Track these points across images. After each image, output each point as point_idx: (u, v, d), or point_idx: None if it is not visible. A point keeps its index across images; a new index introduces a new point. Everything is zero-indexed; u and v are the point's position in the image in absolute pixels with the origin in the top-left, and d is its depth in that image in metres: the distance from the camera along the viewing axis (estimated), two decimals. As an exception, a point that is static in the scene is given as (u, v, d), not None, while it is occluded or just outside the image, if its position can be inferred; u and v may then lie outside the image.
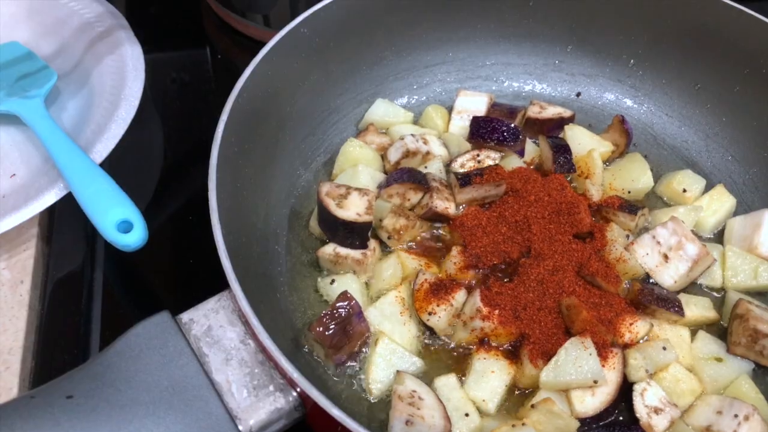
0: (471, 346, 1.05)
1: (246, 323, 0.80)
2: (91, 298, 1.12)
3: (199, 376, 0.77)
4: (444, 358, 1.05)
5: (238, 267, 0.87)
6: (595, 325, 1.01)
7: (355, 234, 1.10)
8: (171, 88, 1.58)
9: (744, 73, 1.26)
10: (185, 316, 0.83)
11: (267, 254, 1.10)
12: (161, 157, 1.42)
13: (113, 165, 1.18)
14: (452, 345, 1.06)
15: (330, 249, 1.11)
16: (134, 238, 0.97)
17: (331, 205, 1.09)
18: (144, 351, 0.78)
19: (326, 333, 0.98)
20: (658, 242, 1.12)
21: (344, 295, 1.02)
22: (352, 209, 1.09)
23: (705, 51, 1.30)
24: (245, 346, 0.81)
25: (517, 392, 1.02)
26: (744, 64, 1.25)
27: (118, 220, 0.99)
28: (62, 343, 1.07)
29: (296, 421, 0.82)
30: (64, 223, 1.22)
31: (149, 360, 0.78)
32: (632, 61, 1.38)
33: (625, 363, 1.00)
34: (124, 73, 1.31)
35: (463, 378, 1.01)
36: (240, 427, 0.75)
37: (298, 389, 0.77)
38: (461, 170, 1.25)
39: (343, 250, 1.11)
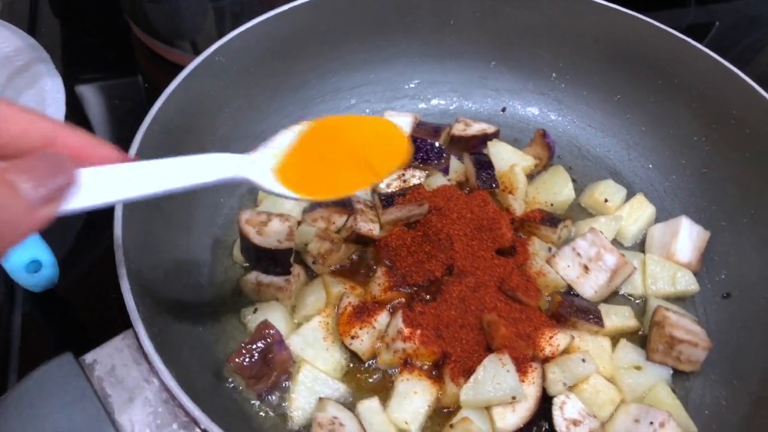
0: (395, 369, 1.05)
1: (150, 361, 0.79)
2: (9, 339, 1.10)
3: (102, 419, 0.76)
4: (369, 382, 1.05)
5: (150, 303, 0.87)
6: (515, 341, 1.02)
7: (278, 261, 1.09)
8: (104, 118, 1.56)
9: (657, 83, 1.29)
10: (89, 357, 0.82)
11: (188, 287, 1.09)
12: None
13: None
14: (377, 368, 1.06)
15: (252, 277, 1.11)
16: (43, 278, 0.96)
17: (251, 233, 1.09)
18: (44, 396, 0.77)
19: (244, 363, 0.97)
20: (578, 254, 1.14)
21: (264, 324, 1.02)
22: (273, 236, 1.09)
23: (622, 63, 1.33)
24: (149, 385, 0.80)
25: (444, 411, 1.02)
26: (657, 76, 1.29)
27: (27, 260, 0.97)
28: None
29: (204, 458, 0.81)
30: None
31: (51, 404, 0.77)
32: (554, 74, 1.41)
33: (544, 377, 1.00)
34: (43, 107, 1.30)
35: (387, 401, 1.01)
36: (142, 469, 0.75)
37: (202, 426, 0.76)
38: (387, 190, 1.26)
39: (265, 278, 1.11)
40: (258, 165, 0.81)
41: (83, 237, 1.27)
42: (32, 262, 0.97)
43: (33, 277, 0.96)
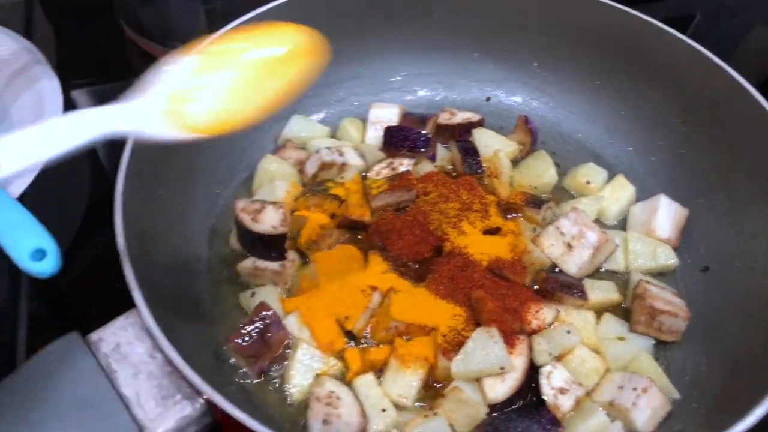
0: (389, 344, 1.09)
1: (152, 337, 0.83)
2: (15, 328, 1.13)
3: (108, 391, 0.80)
4: (363, 358, 1.08)
5: (151, 287, 0.90)
6: (502, 315, 1.06)
7: (272, 246, 1.14)
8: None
9: (635, 68, 1.34)
10: (94, 335, 0.86)
11: (187, 273, 1.13)
12: (88, 187, 1.44)
13: (38, 198, 1.20)
14: (371, 344, 1.10)
15: (249, 263, 1.15)
16: (47, 265, 1.00)
17: (247, 220, 1.13)
18: (53, 372, 0.81)
19: (243, 343, 1.01)
20: (562, 233, 1.18)
21: (262, 306, 1.06)
22: (267, 223, 1.13)
23: (600, 51, 1.38)
24: (153, 360, 0.84)
25: (437, 385, 1.06)
26: (634, 61, 1.33)
27: (32, 248, 1.01)
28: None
29: (207, 427, 0.85)
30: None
31: (59, 379, 0.81)
32: (535, 63, 1.45)
33: (531, 348, 1.05)
34: (42, 108, 1.33)
35: (381, 376, 1.05)
36: (149, 437, 0.79)
37: (204, 396, 0.80)
38: (377, 178, 1.30)
39: (261, 263, 1.15)
40: (144, 111, 0.72)
41: (84, 230, 1.31)
42: (37, 250, 1.01)
43: (38, 265, 0.99)
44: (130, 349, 0.85)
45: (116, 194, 0.95)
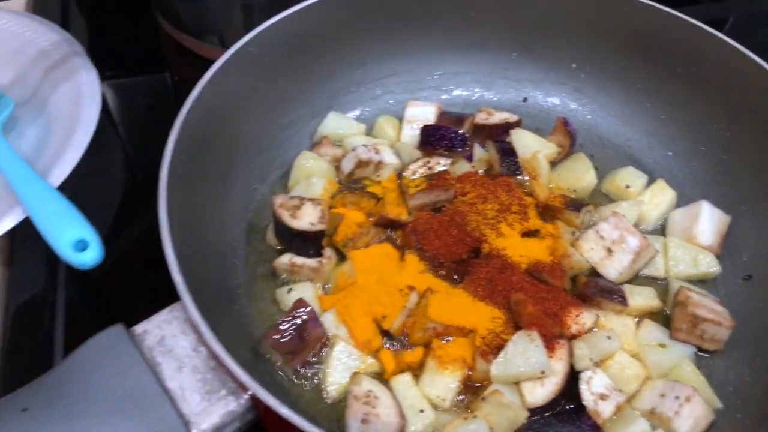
0: (426, 345, 1.08)
1: (198, 332, 0.83)
2: (53, 320, 1.14)
3: (153, 385, 0.80)
4: (399, 358, 1.08)
5: (190, 280, 0.90)
6: (542, 319, 1.05)
7: (310, 243, 1.14)
8: (133, 113, 1.61)
9: (677, 72, 1.31)
10: (139, 328, 0.86)
11: (224, 267, 1.13)
12: (122, 179, 1.45)
13: (75, 188, 1.21)
14: (408, 345, 1.09)
15: (286, 259, 1.15)
16: (90, 256, 1.00)
17: (285, 216, 1.13)
18: (98, 363, 0.81)
19: (281, 340, 1.01)
20: (602, 237, 1.17)
21: (300, 302, 1.05)
22: (306, 219, 1.13)
23: (642, 53, 1.36)
24: (197, 354, 0.84)
25: (472, 387, 1.05)
26: (677, 64, 1.31)
27: (74, 239, 1.01)
28: (26, 363, 1.09)
29: (250, 423, 0.85)
30: (26, 247, 1.24)
31: (103, 371, 0.81)
32: (574, 65, 1.44)
33: (571, 353, 1.03)
34: (80, 99, 1.34)
35: (418, 376, 1.04)
36: (193, 431, 0.78)
37: (249, 392, 0.80)
38: (413, 177, 1.29)
39: (299, 259, 1.14)
40: None
41: (118, 222, 1.32)
42: (79, 241, 1.01)
43: (81, 256, 1.00)
44: (175, 342, 0.84)
45: (160, 188, 0.95)
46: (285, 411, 0.76)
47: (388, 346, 1.09)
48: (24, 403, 0.76)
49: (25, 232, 1.17)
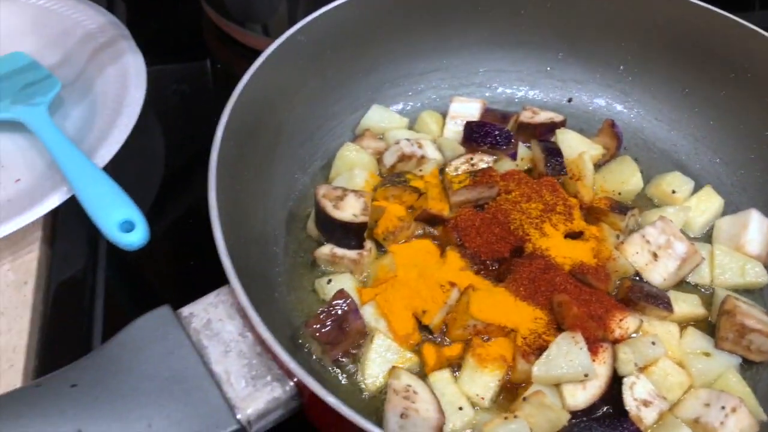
0: (466, 342, 1.07)
1: (244, 316, 0.83)
2: (93, 299, 1.15)
3: (199, 367, 0.80)
4: (439, 353, 1.07)
5: (236, 265, 0.90)
6: (586, 321, 1.03)
7: (351, 234, 1.13)
8: (172, 99, 1.61)
9: (730, 77, 1.29)
10: (185, 310, 0.86)
11: (265, 255, 1.13)
12: (162, 162, 1.46)
13: (116, 170, 1.21)
14: (447, 341, 1.08)
15: (327, 249, 1.14)
16: (136, 237, 1.01)
17: (328, 207, 1.12)
18: (145, 343, 0.81)
19: (322, 330, 1.00)
20: (648, 241, 1.15)
21: (341, 293, 1.05)
22: (349, 210, 1.12)
23: (692, 56, 1.33)
24: (244, 339, 0.84)
25: (510, 386, 1.04)
26: (730, 69, 1.29)
27: (121, 220, 1.02)
28: (65, 341, 1.10)
29: (293, 411, 0.84)
30: (68, 227, 1.25)
31: (150, 351, 0.81)
32: (622, 66, 1.42)
33: (614, 357, 1.02)
34: (126, 82, 1.35)
35: (457, 373, 1.03)
36: (238, 416, 0.78)
37: (295, 379, 0.79)
38: (455, 173, 1.28)
39: (339, 251, 1.14)
40: None
41: (158, 205, 1.32)
42: (125, 222, 1.02)
43: (127, 237, 1.00)
44: (221, 326, 0.84)
45: (210, 172, 0.95)
46: (332, 400, 0.75)
47: (426, 341, 1.07)
48: (73, 380, 0.76)
49: (68, 211, 1.18)
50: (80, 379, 0.76)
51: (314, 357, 1.04)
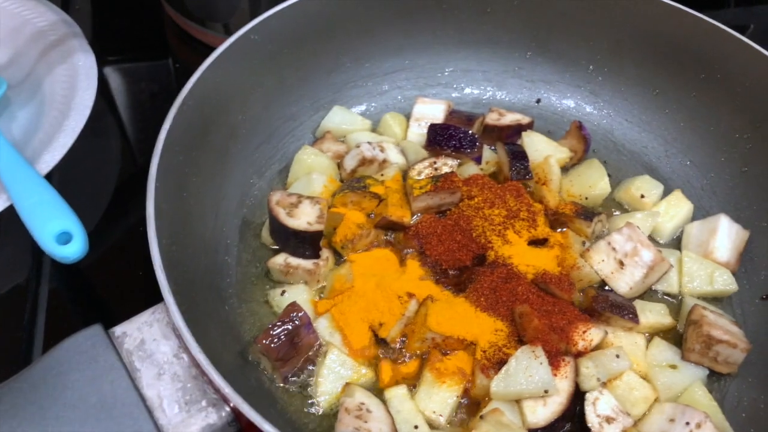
0: (423, 356, 1.03)
1: (179, 336, 0.78)
2: (35, 312, 1.09)
3: (130, 392, 0.75)
4: (396, 370, 1.02)
5: (178, 278, 0.85)
6: (547, 334, 0.99)
7: (306, 243, 1.08)
8: (138, 99, 1.56)
9: (700, 78, 1.25)
10: (118, 330, 0.81)
11: (216, 265, 1.08)
12: (118, 166, 1.40)
13: (67, 175, 1.16)
14: (405, 358, 1.03)
15: (281, 259, 1.09)
16: (72, 249, 0.95)
17: (281, 214, 1.08)
18: (73, 366, 0.76)
19: (272, 345, 0.95)
20: (614, 248, 1.11)
21: (293, 306, 1.00)
22: (303, 218, 1.08)
23: (663, 57, 1.30)
24: (178, 361, 0.79)
25: (471, 402, 1.00)
26: (701, 70, 1.25)
27: (58, 231, 0.96)
28: (3, 357, 1.04)
29: (231, 437, 0.80)
30: (10, 236, 1.19)
31: (78, 375, 0.76)
32: (591, 66, 1.38)
33: (577, 372, 0.98)
34: (75, 83, 1.29)
35: (414, 389, 0.99)
36: (170, 444, 0.73)
37: (231, 404, 0.75)
38: (418, 177, 1.23)
39: (294, 260, 1.09)
40: None
41: (111, 212, 1.27)
42: (63, 233, 0.96)
43: (63, 249, 0.95)
44: (155, 346, 0.79)
45: (149, 180, 0.90)
46: (269, 428, 0.71)
47: (383, 356, 1.03)
48: (-8, 406, 0.71)
49: (11, 219, 1.13)
50: (2, 402, 0.71)
51: (265, 373, 0.99)
